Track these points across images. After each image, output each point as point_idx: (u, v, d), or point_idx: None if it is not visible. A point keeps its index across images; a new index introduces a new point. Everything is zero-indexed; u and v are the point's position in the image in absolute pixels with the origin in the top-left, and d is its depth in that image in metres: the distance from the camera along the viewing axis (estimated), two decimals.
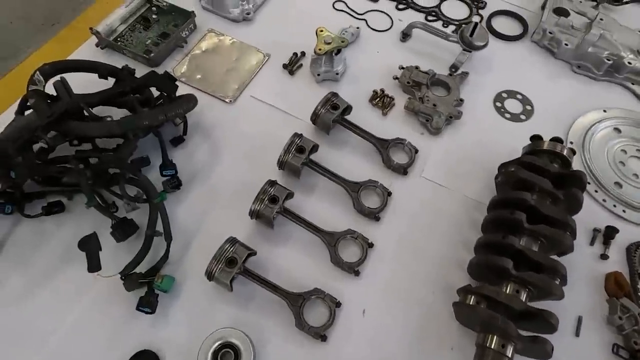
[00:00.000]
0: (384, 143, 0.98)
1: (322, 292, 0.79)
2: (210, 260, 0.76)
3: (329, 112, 0.95)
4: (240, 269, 0.77)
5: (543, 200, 0.80)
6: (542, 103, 1.09)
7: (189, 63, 1.11)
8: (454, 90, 1.06)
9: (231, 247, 0.77)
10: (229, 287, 0.76)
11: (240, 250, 0.77)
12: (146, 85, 0.91)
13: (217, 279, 0.76)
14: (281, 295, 0.78)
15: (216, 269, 0.76)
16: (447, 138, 1.03)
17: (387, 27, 1.21)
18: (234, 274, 0.75)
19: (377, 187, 0.92)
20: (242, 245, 0.78)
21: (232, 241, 0.78)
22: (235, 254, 0.77)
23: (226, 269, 0.76)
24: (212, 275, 0.76)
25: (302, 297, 0.78)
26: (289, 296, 0.78)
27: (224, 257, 0.76)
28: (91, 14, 1.18)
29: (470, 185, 0.96)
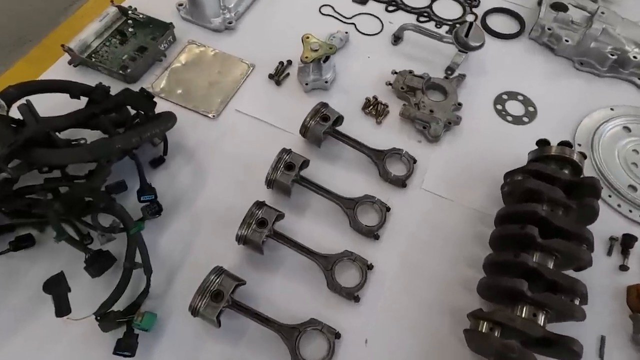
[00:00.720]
0: (379, 154, 0.91)
1: (319, 322, 0.72)
2: (194, 295, 0.69)
3: (319, 124, 0.88)
4: (228, 302, 0.70)
5: (555, 212, 0.74)
6: (545, 103, 1.03)
7: (169, 77, 1.04)
8: (451, 94, 1.00)
9: (217, 278, 0.70)
10: (216, 323, 0.69)
11: (227, 282, 0.70)
12: (121, 104, 0.84)
13: (202, 315, 0.69)
14: (274, 329, 0.71)
15: (201, 304, 0.68)
16: (446, 145, 0.96)
17: (377, 31, 1.15)
18: (220, 308, 0.68)
19: (375, 203, 0.85)
20: (229, 276, 0.71)
21: (218, 272, 0.72)
22: (222, 285, 0.70)
23: (212, 303, 0.69)
24: (196, 311, 0.69)
25: (297, 329, 0.71)
26: (283, 329, 0.71)
27: (209, 290, 0.69)
28: (64, 30, 1.12)
29: (474, 196, 0.89)
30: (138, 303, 0.73)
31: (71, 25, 1.12)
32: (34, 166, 0.75)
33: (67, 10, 1.14)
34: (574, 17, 1.09)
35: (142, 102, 0.87)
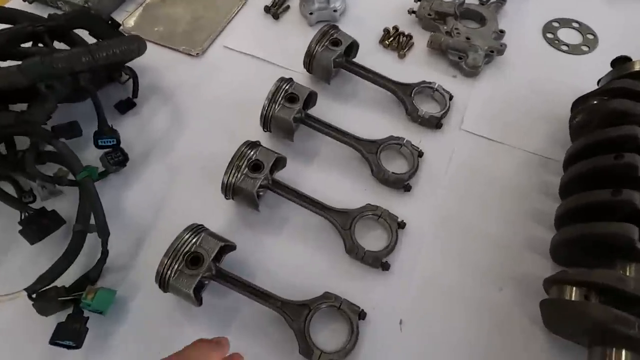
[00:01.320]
0: (406, 88, 0.72)
1: (336, 297, 0.53)
2: (161, 259, 0.50)
3: (327, 50, 0.69)
4: (211, 270, 0.51)
5: None
6: (607, 31, 0.83)
7: (143, 13, 0.86)
8: (490, 20, 0.81)
9: (194, 237, 0.51)
10: (194, 300, 0.50)
11: (208, 242, 0.51)
12: (72, 26, 0.66)
13: (174, 288, 0.50)
14: (275, 307, 0.52)
15: (171, 272, 0.49)
16: (488, 80, 0.77)
17: None
18: (199, 277, 0.49)
19: (403, 146, 0.65)
20: (211, 235, 0.52)
21: (196, 229, 0.52)
22: (201, 247, 0.50)
23: (187, 270, 0.49)
24: (166, 282, 0.50)
25: (306, 307, 0.52)
26: (287, 308, 0.52)
27: (182, 252, 0.50)
28: None
29: (530, 137, 0.69)
30: (90, 276, 0.54)
31: None
32: None
33: None
34: None
35: (103, 28, 0.69)
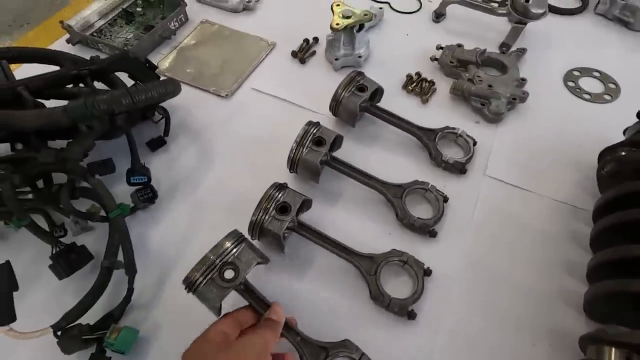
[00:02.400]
0: (430, 134, 0.73)
1: (355, 348, 0.51)
2: (193, 267, 0.48)
3: (353, 95, 0.71)
4: (241, 285, 0.50)
5: None
6: (628, 80, 0.84)
7: (177, 56, 0.91)
8: (512, 69, 0.83)
9: (234, 247, 0.50)
10: (218, 312, 0.49)
11: (246, 254, 0.50)
12: (113, 68, 0.69)
13: (202, 295, 0.47)
14: (295, 343, 0.50)
15: (203, 281, 0.47)
16: (511, 126, 0.77)
17: (415, 9, 1.01)
18: (230, 291, 0.48)
19: (428, 191, 0.66)
20: (251, 249, 0.51)
21: (237, 239, 0.51)
22: (238, 259, 0.49)
23: (220, 282, 0.47)
24: (194, 287, 0.47)
25: (325, 351, 0.50)
26: (308, 347, 0.50)
27: (218, 264, 0.48)
28: (66, 13, 1.01)
29: (557, 185, 0.69)
30: (114, 315, 0.54)
31: (75, 8, 1.02)
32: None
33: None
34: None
35: (141, 70, 0.73)
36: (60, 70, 0.66)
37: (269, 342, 0.45)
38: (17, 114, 0.56)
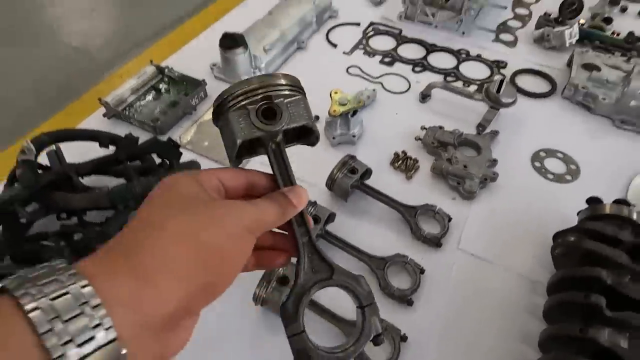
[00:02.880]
0: (411, 210, 0.85)
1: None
2: (232, 84, 0.39)
3: (346, 177, 0.84)
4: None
5: (622, 279, 0.63)
6: (588, 162, 0.96)
7: (197, 130, 1.05)
8: (485, 150, 0.95)
9: (289, 89, 0.39)
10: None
11: (297, 107, 0.40)
12: (146, 151, 0.83)
13: (227, 120, 0.38)
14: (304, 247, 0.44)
15: (236, 104, 0.38)
16: (483, 203, 0.89)
17: (404, 89, 1.16)
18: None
19: (407, 263, 0.77)
20: (305, 104, 0.41)
21: (296, 85, 0.41)
22: (286, 106, 0.39)
23: (253, 117, 0.38)
24: (225, 107, 0.38)
25: None
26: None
27: (261, 94, 0.38)
28: (103, 87, 1.18)
29: (519, 259, 0.80)
30: None
31: (111, 82, 1.18)
32: (50, 210, 0.72)
33: (110, 69, 1.20)
34: (609, 77, 1.06)
35: (168, 150, 0.86)
36: (104, 156, 0.79)
37: (265, 220, 0.35)
38: (70, 197, 0.69)
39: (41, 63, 1.28)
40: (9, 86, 1.20)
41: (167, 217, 0.31)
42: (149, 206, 0.33)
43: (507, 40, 1.30)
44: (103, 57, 1.30)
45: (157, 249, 0.29)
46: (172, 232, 0.30)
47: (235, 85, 0.38)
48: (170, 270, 0.29)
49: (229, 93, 0.38)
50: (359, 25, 1.38)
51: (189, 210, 0.32)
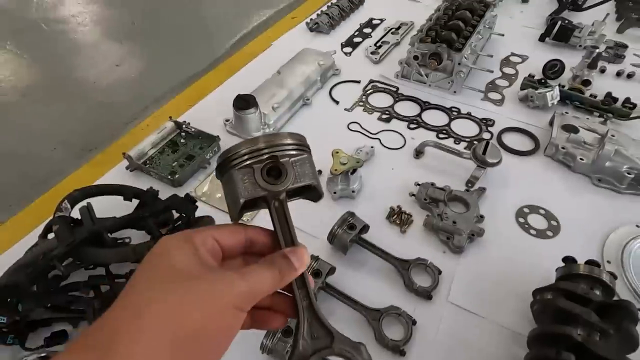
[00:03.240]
0: (404, 264, 0.93)
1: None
2: (240, 142, 0.43)
3: (345, 233, 0.93)
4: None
5: (592, 337, 0.71)
6: (568, 218, 1.05)
7: (211, 183, 1.15)
8: (473, 206, 1.05)
9: (294, 148, 0.41)
10: None
11: (303, 166, 0.41)
12: (167, 208, 0.93)
13: (231, 178, 0.40)
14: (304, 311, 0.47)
15: (241, 162, 0.40)
16: (471, 257, 0.97)
17: (400, 145, 1.26)
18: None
19: (400, 315, 0.84)
20: (310, 163, 0.43)
21: (301, 144, 0.43)
22: (292, 165, 0.41)
23: (257, 176, 0.40)
24: (229, 165, 0.41)
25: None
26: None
27: (266, 153, 0.40)
28: (126, 140, 1.30)
29: (504, 312, 0.87)
30: None
31: (133, 136, 1.30)
32: (82, 264, 0.81)
33: (132, 123, 1.33)
34: (586, 138, 1.17)
35: (185, 206, 0.96)
36: (130, 215, 0.89)
37: (258, 291, 0.34)
38: (102, 252, 0.79)
39: (73, 117, 1.41)
40: (44, 139, 1.33)
41: (147, 301, 0.31)
42: (133, 283, 0.33)
43: (495, 99, 1.42)
44: (126, 112, 1.42)
45: (133, 344, 0.28)
46: (150, 321, 0.30)
47: (241, 144, 0.39)
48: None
49: (235, 151, 0.39)
50: (359, 82, 1.51)
51: (171, 288, 0.31)
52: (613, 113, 1.30)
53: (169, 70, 1.63)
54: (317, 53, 1.50)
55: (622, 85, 1.47)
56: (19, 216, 1.10)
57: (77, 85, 1.56)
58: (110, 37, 1.86)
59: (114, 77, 1.60)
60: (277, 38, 1.77)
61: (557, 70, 1.47)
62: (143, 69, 1.66)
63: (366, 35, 1.76)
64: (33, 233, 1.00)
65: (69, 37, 1.87)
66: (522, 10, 1.94)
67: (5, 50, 1.78)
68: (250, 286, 0.34)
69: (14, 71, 1.66)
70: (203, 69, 1.62)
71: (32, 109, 1.46)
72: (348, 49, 1.69)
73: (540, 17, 1.85)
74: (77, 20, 1.99)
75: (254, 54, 1.67)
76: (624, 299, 0.76)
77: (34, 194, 1.14)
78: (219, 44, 1.78)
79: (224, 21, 1.99)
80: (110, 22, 1.98)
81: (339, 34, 1.78)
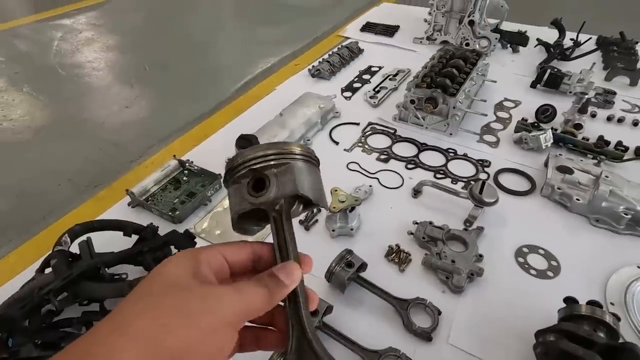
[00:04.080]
0: (403, 303, 0.91)
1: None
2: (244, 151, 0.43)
3: (343, 270, 0.92)
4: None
5: None
6: (568, 258, 1.04)
7: (211, 219, 1.17)
8: (472, 245, 1.04)
9: (276, 158, 0.41)
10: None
11: (286, 177, 0.41)
12: (165, 243, 0.94)
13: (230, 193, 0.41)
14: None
15: (230, 177, 0.42)
16: (471, 297, 0.96)
17: (398, 185, 1.29)
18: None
19: (399, 358, 0.82)
20: (291, 173, 0.41)
21: (283, 153, 0.42)
22: (275, 175, 0.40)
23: (244, 190, 0.41)
24: (228, 179, 0.43)
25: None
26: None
27: (244, 166, 0.41)
28: (131, 177, 1.33)
29: (506, 355, 0.84)
30: None
31: (137, 173, 1.33)
32: (78, 299, 0.81)
33: (137, 160, 1.37)
34: (581, 179, 1.19)
35: (184, 242, 0.97)
36: (129, 249, 0.90)
37: (250, 309, 0.34)
38: (97, 287, 0.78)
39: (81, 155, 1.45)
40: (51, 176, 1.36)
41: (135, 315, 0.30)
42: (128, 297, 0.32)
43: (490, 141, 1.46)
44: (132, 150, 1.47)
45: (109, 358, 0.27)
46: (133, 337, 0.29)
47: (235, 157, 0.39)
48: None
49: (230, 165, 0.40)
50: (358, 124, 1.56)
51: (161, 304, 0.30)
52: (606, 155, 1.33)
53: (177, 112, 1.70)
54: (318, 97, 1.57)
55: (613, 129, 1.52)
56: (18, 250, 1.10)
57: (87, 125, 1.62)
58: (122, 80, 1.96)
59: (123, 118, 1.67)
60: (280, 83, 1.87)
61: (549, 115, 1.53)
62: (151, 110, 1.73)
63: (365, 81, 1.85)
64: (32, 267, 1.00)
65: (83, 81, 1.98)
66: (513, 60, 2.05)
67: (22, 92, 1.87)
68: (242, 302, 0.33)
69: (28, 111, 1.73)
70: (209, 110, 1.69)
71: (43, 147, 1.51)
72: (348, 93, 1.77)
73: (531, 65, 1.95)
74: (92, 65, 2.11)
75: (258, 97, 1.75)
76: (630, 342, 0.74)
77: (35, 228, 1.16)
78: (225, 88, 1.87)
79: (231, 67, 2.11)
80: (123, 67, 2.09)
81: (339, 79, 1.88)
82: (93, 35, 2.47)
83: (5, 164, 1.43)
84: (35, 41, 2.43)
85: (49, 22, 2.67)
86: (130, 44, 2.37)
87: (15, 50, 2.32)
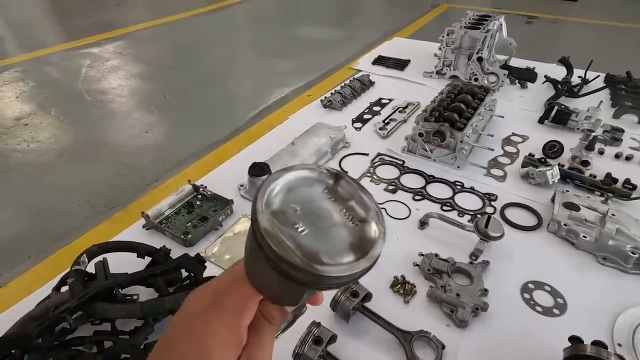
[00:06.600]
0: (407, 336, 0.92)
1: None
2: None
3: (348, 300, 0.94)
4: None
5: None
6: (575, 296, 1.04)
7: (221, 244, 1.20)
8: (477, 279, 1.05)
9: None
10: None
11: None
12: (177, 267, 0.97)
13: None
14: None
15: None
16: (475, 332, 0.96)
17: (405, 216, 1.31)
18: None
19: None
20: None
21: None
22: None
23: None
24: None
25: None
26: None
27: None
28: (146, 200, 1.38)
29: None
30: None
31: (153, 196, 1.39)
32: (91, 318, 0.84)
33: (153, 184, 1.42)
34: (587, 216, 1.19)
35: (194, 266, 1.00)
36: (142, 271, 0.93)
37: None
38: (110, 307, 0.81)
39: (100, 177, 1.52)
40: (71, 197, 1.42)
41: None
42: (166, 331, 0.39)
43: (498, 175, 1.48)
44: (149, 174, 1.53)
45: None
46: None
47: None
48: None
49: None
50: (367, 155, 1.60)
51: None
52: (614, 193, 1.33)
53: (193, 138, 1.77)
54: (329, 127, 1.63)
55: (621, 166, 1.53)
56: (35, 268, 1.15)
57: (108, 149, 1.70)
58: (143, 107, 2.06)
59: (142, 142, 1.75)
60: (293, 112, 1.94)
61: (557, 151, 1.55)
62: (169, 136, 1.81)
63: (375, 113, 1.91)
64: (47, 285, 1.04)
65: (107, 106, 2.08)
66: (521, 95, 2.09)
67: (50, 116, 1.98)
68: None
69: (53, 134, 1.82)
70: (224, 137, 1.76)
71: (64, 168, 1.59)
72: (358, 124, 1.82)
73: (539, 101, 1.99)
74: (116, 92, 2.22)
75: (271, 126, 1.82)
76: None
77: (53, 247, 1.20)
78: (240, 116, 1.95)
79: (246, 97, 2.20)
80: (145, 95, 2.20)
81: (350, 110, 1.94)
82: (119, 64, 2.61)
83: (28, 184, 1.51)
84: (65, 68, 2.58)
85: (79, 50, 2.84)
86: (153, 73, 2.50)
87: (45, 77, 2.47)
